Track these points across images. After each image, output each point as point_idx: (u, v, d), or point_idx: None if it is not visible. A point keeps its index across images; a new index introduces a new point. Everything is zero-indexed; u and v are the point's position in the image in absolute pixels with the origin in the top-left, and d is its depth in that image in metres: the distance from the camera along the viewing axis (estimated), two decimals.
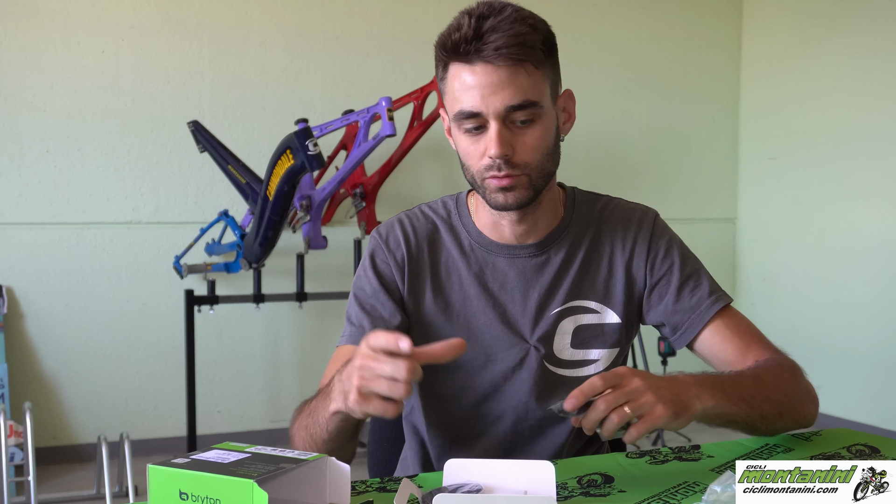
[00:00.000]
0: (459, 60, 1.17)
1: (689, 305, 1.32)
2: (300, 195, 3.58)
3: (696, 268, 1.35)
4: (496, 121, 1.17)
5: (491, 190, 1.22)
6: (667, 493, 1.05)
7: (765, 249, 4.85)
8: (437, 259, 1.33)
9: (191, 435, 3.57)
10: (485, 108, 1.16)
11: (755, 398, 1.17)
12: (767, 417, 1.19)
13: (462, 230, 1.34)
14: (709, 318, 1.31)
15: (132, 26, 3.85)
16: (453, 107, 1.20)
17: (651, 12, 4.76)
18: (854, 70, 4.30)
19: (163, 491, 0.88)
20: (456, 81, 1.18)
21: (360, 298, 1.32)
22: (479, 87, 1.16)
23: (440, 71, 1.21)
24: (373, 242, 1.35)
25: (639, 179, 4.74)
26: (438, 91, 1.26)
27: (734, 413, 1.14)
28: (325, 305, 4.12)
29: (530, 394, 1.30)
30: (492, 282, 1.31)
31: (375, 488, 1.08)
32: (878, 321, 4.21)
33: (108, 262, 3.85)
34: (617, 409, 1.01)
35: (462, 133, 1.21)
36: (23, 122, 3.72)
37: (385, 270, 1.32)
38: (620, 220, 1.35)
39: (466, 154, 1.22)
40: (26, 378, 3.73)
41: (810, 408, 1.26)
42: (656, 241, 1.34)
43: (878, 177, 4.20)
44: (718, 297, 1.33)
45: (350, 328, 1.31)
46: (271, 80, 4.05)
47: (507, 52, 1.14)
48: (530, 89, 1.17)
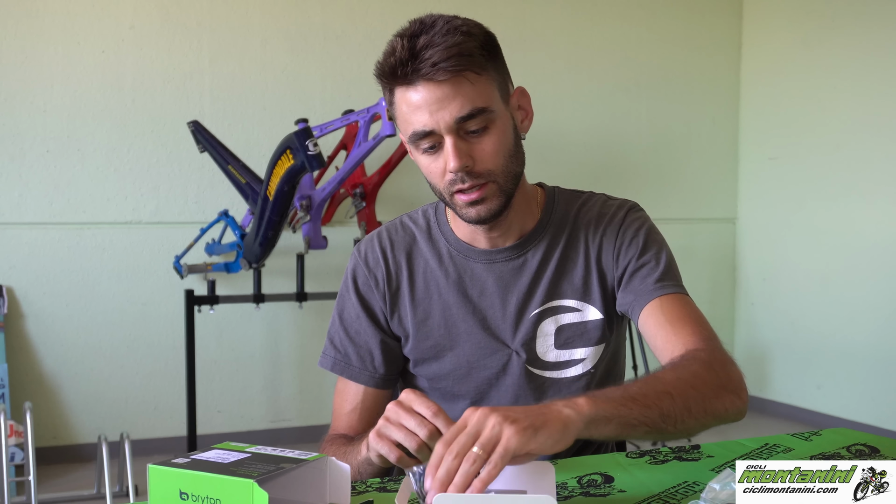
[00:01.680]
0: (401, 84, 1.16)
1: (637, 288, 1.27)
2: (300, 195, 3.58)
3: (658, 255, 1.29)
4: (449, 135, 1.16)
5: (461, 206, 1.21)
6: (667, 493, 1.05)
7: (765, 249, 4.85)
8: (415, 271, 1.33)
9: (191, 435, 3.57)
10: (435, 124, 1.15)
11: (648, 395, 1.04)
12: (670, 415, 1.05)
13: (441, 239, 1.34)
14: (647, 302, 1.25)
15: (132, 26, 3.85)
16: (406, 130, 1.19)
17: (651, 12, 4.76)
18: (854, 70, 4.30)
19: (163, 491, 0.88)
20: (403, 105, 1.17)
21: (345, 322, 1.34)
22: (426, 105, 1.15)
23: (387, 97, 1.21)
24: (353, 261, 1.35)
25: (639, 179, 4.74)
26: (392, 117, 1.25)
27: (626, 415, 1.01)
28: (325, 305, 4.12)
29: (516, 399, 1.30)
30: (471, 289, 1.31)
31: (375, 488, 1.08)
32: (877, 321, 4.20)
33: (108, 262, 3.85)
34: (466, 455, 0.88)
35: (421, 154, 1.21)
36: (23, 122, 3.72)
37: (367, 293, 1.33)
38: (595, 215, 1.33)
39: (429, 174, 1.22)
40: (26, 378, 3.73)
41: (731, 399, 1.13)
42: (623, 232, 1.31)
43: (878, 177, 4.20)
44: (666, 284, 1.26)
45: (335, 353, 1.34)
46: (271, 80, 4.05)
47: (444, 66, 1.12)
48: (476, 97, 1.15)
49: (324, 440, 1.30)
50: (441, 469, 0.88)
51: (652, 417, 1.03)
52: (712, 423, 1.14)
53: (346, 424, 1.32)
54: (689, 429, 1.11)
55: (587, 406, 0.97)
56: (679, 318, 1.22)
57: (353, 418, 1.32)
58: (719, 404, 1.11)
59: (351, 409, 1.32)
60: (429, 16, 1.17)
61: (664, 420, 1.05)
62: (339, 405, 1.33)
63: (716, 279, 4.96)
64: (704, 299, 4.77)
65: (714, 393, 1.11)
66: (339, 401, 1.33)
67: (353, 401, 1.33)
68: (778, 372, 4.63)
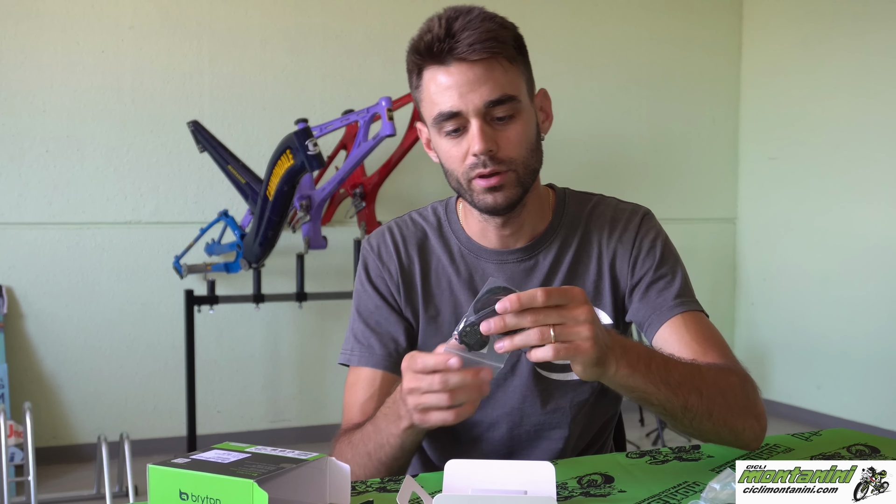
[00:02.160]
0: (433, 63, 1.17)
1: (655, 303, 1.28)
2: (300, 195, 3.58)
3: (674, 269, 1.30)
4: (477, 118, 1.16)
5: (478, 192, 1.20)
6: (667, 493, 1.05)
7: (765, 249, 4.85)
8: (428, 267, 1.32)
9: (191, 435, 3.57)
10: (464, 106, 1.16)
11: (682, 386, 1.09)
12: (692, 410, 1.10)
13: (452, 236, 1.33)
14: (669, 318, 1.26)
15: (132, 26, 3.85)
16: (431, 111, 1.19)
17: (651, 12, 4.76)
18: (854, 70, 4.30)
19: (163, 491, 0.88)
20: (432, 84, 1.18)
21: (364, 315, 1.32)
22: (457, 85, 1.15)
23: (414, 79, 1.21)
24: (365, 254, 1.34)
25: (639, 179, 4.74)
26: (414, 104, 1.25)
27: (651, 393, 1.06)
28: (325, 305, 4.12)
29: (523, 400, 1.30)
30: (481, 288, 1.30)
31: (375, 488, 1.08)
32: (877, 321, 4.20)
33: (108, 262, 3.85)
34: (542, 327, 0.95)
35: (443, 137, 1.20)
36: (23, 122, 3.72)
37: (381, 285, 1.32)
38: (609, 220, 1.33)
39: (449, 158, 1.21)
40: (26, 378, 3.73)
41: (752, 423, 1.17)
42: (640, 240, 1.31)
43: (878, 177, 4.20)
44: (685, 301, 1.27)
45: (359, 347, 1.31)
46: (271, 80, 4.05)
47: (480, 47, 1.14)
48: (507, 84, 1.16)
49: (337, 435, 1.26)
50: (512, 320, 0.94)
51: (674, 406, 1.09)
52: (726, 437, 1.17)
53: (361, 414, 1.28)
54: (704, 431, 1.15)
55: (626, 370, 1.03)
56: (705, 339, 1.24)
57: (370, 406, 1.27)
58: (740, 422, 1.15)
59: (367, 397, 1.28)
60: (464, 5, 1.19)
61: (685, 413, 1.10)
62: (351, 397, 1.29)
63: (716, 279, 4.96)
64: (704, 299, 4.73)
65: (739, 411, 1.15)
66: (351, 393, 1.30)
67: (370, 389, 1.29)
68: (778, 372, 4.63)
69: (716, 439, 1.18)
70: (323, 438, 4.11)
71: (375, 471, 1.17)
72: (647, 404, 1.10)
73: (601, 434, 1.39)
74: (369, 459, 1.16)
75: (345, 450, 1.20)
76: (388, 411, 1.12)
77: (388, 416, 1.12)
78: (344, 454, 1.20)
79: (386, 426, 1.12)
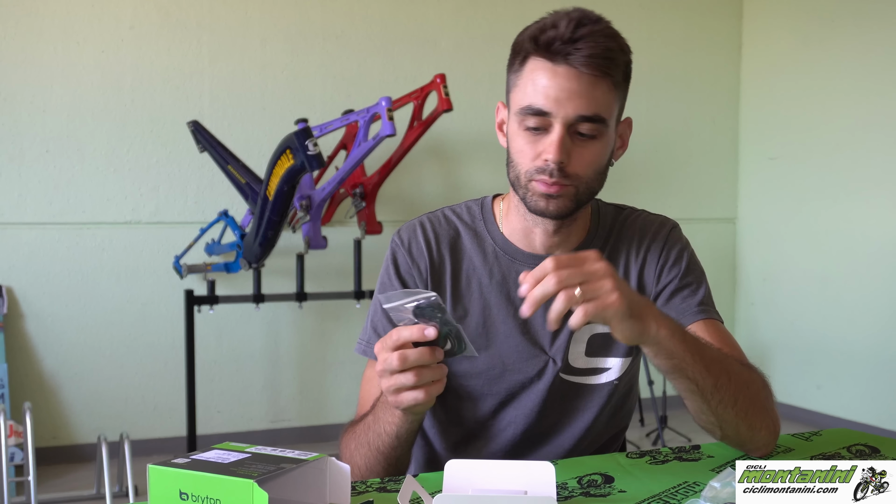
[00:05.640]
0: (544, 57, 1.15)
1: (679, 308, 1.29)
2: (300, 195, 3.58)
3: (699, 280, 1.32)
4: (562, 126, 1.15)
5: (534, 193, 1.20)
6: (667, 493, 1.05)
7: (765, 249, 4.85)
8: (459, 266, 1.31)
9: (191, 435, 3.57)
10: (555, 110, 1.15)
11: (714, 364, 1.10)
12: (721, 391, 1.10)
13: (487, 237, 1.32)
14: (691, 322, 1.27)
15: (132, 26, 3.85)
16: (521, 100, 1.18)
17: (651, 12, 4.76)
18: (854, 70, 4.30)
19: (163, 491, 0.88)
20: (533, 76, 1.16)
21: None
22: (557, 88, 1.14)
23: (516, 62, 1.20)
24: (394, 248, 1.33)
25: (639, 179, 4.74)
26: (507, 82, 1.23)
27: (688, 364, 1.07)
28: (325, 305, 4.12)
29: (543, 403, 1.30)
30: (515, 291, 1.28)
31: (375, 488, 1.08)
32: (877, 321, 4.21)
33: (108, 262, 3.85)
34: (567, 289, 0.96)
35: (521, 129, 1.19)
36: (23, 122, 3.72)
37: (409, 280, 1.31)
38: (638, 230, 1.34)
39: (519, 152, 1.20)
40: (26, 378, 3.73)
41: (769, 423, 1.18)
42: (668, 250, 1.32)
43: (878, 177, 4.20)
44: (706, 309, 1.29)
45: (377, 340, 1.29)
46: (271, 80, 4.05)
47: (594, 63, 1.13)
48: (603, 105, 1.16)
49: (346, 427, 1.26)
50: (538, 289, 0.95)
51: (706, 381, 1.09)
52: (743, 433, 1.17)
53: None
54: (725, 420, 1.14)
55: (665, 331, 1.04)
56: (726, 344, 1.24)
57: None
58: (759, 420, 1.16)
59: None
60: (593, 12, 1.18)
61: (714, 391, 1.10)
62: (367, 392, 1.28)
63: (716, 279, 4.92)
64: None
65: (760, 408, 1.16)
66: (367, 388, 1.29)
67: None
68: (778, 372, 4.63)
69: (732, 433, 1.17)
70: (323, 438, 4.11)
71: (375, 461, 1.18)
72: (682, 377, 1.09)
73: (607, 447, 1.39)
74: (369, 449, 1.18)
75: (349, 440, 1.22)
76: (384, 399, 1.14)
77: (385, 404, 1.14)
78: (349, 445, 1.22)
79: (383, 415, 1.15)
